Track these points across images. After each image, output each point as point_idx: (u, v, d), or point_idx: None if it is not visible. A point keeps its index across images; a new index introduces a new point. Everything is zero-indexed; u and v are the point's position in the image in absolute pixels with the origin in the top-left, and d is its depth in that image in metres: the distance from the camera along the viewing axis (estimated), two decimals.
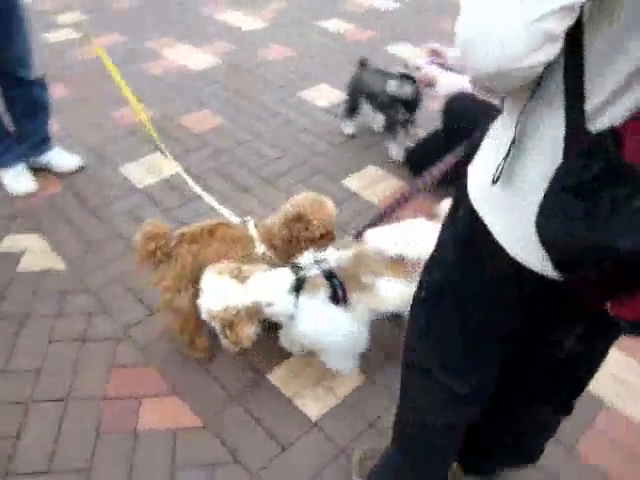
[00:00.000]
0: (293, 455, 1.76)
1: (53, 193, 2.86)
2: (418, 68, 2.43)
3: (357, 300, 1.75)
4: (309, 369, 1.99)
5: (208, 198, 2.04)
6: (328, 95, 3.77)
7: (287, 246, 1.92)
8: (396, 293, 1.76)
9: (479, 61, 0.76)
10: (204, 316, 1.71)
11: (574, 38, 0.73)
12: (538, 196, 0.80)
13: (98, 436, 1.83)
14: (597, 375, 1.23)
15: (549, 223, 0.79)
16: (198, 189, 2.05)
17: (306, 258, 1.78)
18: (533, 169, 0.87)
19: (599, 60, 0.75)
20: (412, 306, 1.28)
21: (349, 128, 3.30)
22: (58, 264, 2.44)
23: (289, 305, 1.70)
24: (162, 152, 2.24)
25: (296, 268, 1.74)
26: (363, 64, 3.12)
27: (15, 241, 2.56)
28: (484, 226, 0.96)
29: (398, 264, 1.76)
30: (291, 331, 1.81)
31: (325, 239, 1.88)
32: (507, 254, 0.94)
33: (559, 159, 0.79)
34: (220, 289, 1.67)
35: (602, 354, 1.21)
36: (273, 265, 1.88)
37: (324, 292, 1.71)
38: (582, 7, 0.70)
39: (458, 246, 1.08)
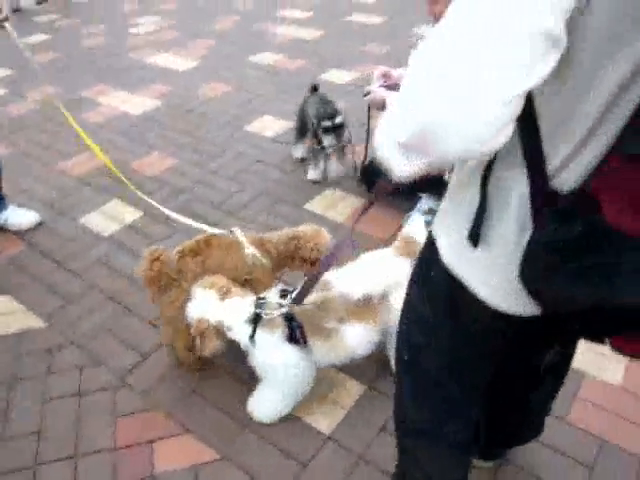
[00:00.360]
0: (315, 470, 1.82)
1: (16, 252, 2.80)
2: (367, 93, 2.58)
3: (320, 346, 1.80)
4: (314, 387, 2.05)
5: (193, 222, 2.08)
6: (272, 125, 3.88)
7: (282, 257, 2.04)
8: (362, 339, 1.81)
9: (442, 147, 0.72)
10: (188, 320, 1.82)
11: (525, 106, 0.72)
12: (515, 253, 0.85)
13: None
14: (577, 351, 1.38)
15: (537, 281, 0.83)
16: (179, 216, 2.11)
17: (272, 296, 1.83)
18: (503, 228, 0.89)
19: (554, 123, 0.78)
20: (396, 367, 1.34)
21: (298, 152, 3.42)
22: (37, 322, 2.40)
23: (244, 334, 1.79)
24: (131, 189, 2.26)
25: (259, 302, 1.81)
26: (315, 89, 3.28)
27: None
28: (461, 284, 0.99)
29: (364, 307, 1.79)
30: (250, 358, 1.87)
31: (316, 265, 1.98)
32: (487, 306, 0.97)
33: (528, 219, 0.83)
34: (202, 300, 1.80)
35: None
36: (264, 269, 2.00)
37: (281, 331, 1.78)
38: None
39: (436, 306, 1.11)
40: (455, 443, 1.31)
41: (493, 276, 0.94)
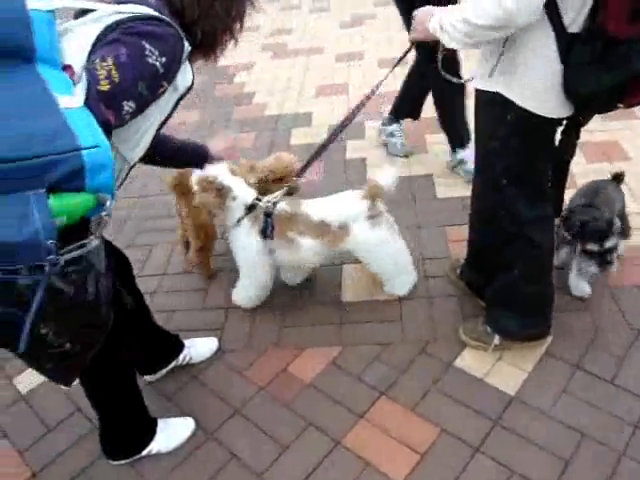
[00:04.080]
0: None
1: None
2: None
3: (281, 247, 2.28)
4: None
5: None
6: None
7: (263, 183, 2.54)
8: (312, 252, 2.28)
9: (521, 21, 1.39)
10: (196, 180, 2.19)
11: None
12: (558, 78, 1.52)
13: None
14: None
15: (583, 87, 1.50)
16: None
17: (267, 198, 2.29)
18: (543, 68, 1.55)
19: None
20: (497, 187, 1.86)
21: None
22: None
23: (238, 213, 2.24)
24: None
25: (256, 199, 2.26)
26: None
27: None
28: (532, 113, 1.63)
29: (321, 228, 2.23)
30: (229, 245, 2.39)
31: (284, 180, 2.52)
32: (552, 119, 1.65)
33: (556, 56, 1.50)
34: (218, 168, 2.18)
35: None
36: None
37: (258, 225, 2.24)
38: None
39: (521, 136, 1.71)
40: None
41: (553, 99, 1.61)
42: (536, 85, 1.59)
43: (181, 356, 2.27)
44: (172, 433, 2.02)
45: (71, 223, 1.14)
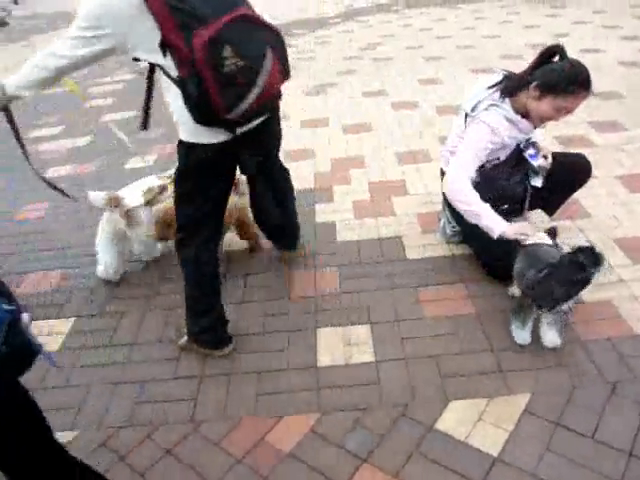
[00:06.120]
0: None
1: None
2: None
3: None
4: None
5: None
6: None
7: None
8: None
9: None
10: None
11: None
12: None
13: None
14: None
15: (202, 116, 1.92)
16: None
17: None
18: (180, 110, 1.94)
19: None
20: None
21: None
22: None
23: None
24: None
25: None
26: None
27: None
28: (196, 145, 2.06)
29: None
30: None
31: None
32: (214, 144, 2.04)
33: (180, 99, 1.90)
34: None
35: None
36: None
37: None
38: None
39: (190, 166, 2.16)
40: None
41: (193, 128, 2.00)
42: (183, 121, 2.02)
43: None
44: None
45: None
